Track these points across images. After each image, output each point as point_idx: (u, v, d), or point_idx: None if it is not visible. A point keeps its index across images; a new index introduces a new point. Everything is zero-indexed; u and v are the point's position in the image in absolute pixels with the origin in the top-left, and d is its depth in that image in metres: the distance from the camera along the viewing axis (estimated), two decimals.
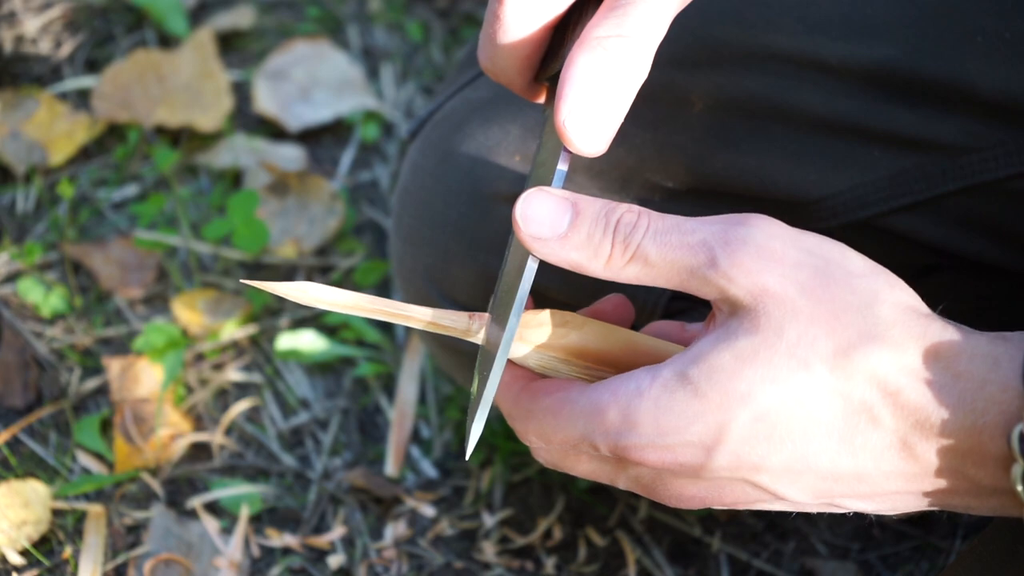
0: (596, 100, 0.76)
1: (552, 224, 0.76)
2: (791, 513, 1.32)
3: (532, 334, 0.79)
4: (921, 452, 0.72)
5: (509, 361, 0.81)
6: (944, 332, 0.72)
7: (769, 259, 0.73)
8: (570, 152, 0.77)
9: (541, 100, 0.86)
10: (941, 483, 0.73)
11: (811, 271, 0.73)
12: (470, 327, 0.80)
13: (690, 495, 0.77)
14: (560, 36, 0.81)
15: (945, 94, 0.94)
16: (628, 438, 0.75)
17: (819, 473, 0.74)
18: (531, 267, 0.77)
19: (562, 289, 1.01)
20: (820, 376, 0.72)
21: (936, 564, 1.29)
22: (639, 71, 0.77)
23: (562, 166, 0.78)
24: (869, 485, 0.74)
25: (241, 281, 0.84)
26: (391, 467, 1.36)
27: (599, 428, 0.76)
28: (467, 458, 0.80)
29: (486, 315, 0.81)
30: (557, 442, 0.79)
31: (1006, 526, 0.78)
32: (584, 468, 0.80)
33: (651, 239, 0.75)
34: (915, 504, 0.75)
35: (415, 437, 1.39)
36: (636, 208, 0.76)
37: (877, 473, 0.73)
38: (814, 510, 0.78)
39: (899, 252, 1.00)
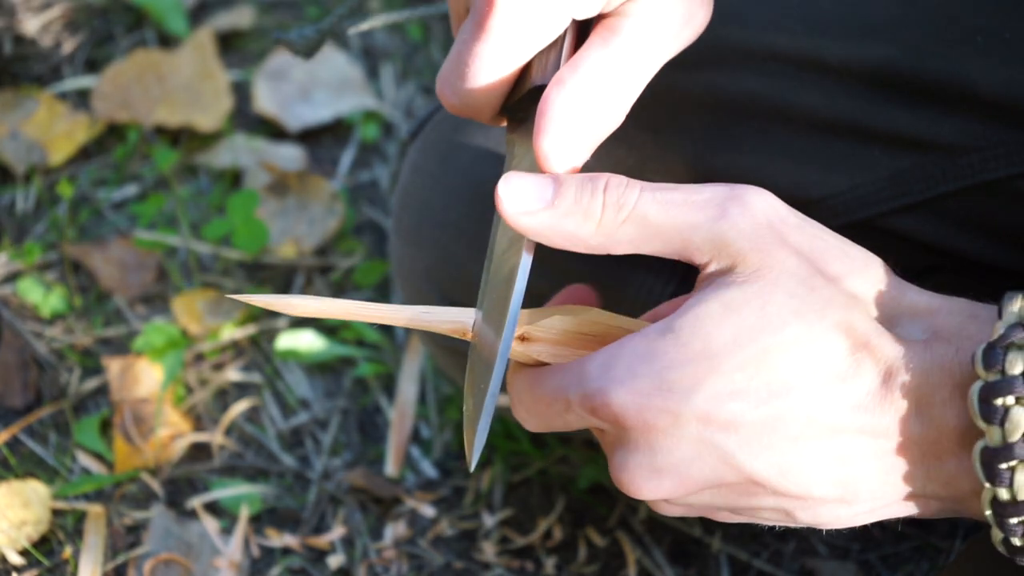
0: (576, 130, 0.77)
1: (537, 195, 0.75)
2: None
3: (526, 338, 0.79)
4: (896, 391, 0.72)
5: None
6: (921, 295, 0.76)
7: (775, 218, 0.74)
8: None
9: (502, 125, 0.86)
10: (910, 434, 0.73)
11: (810, 237, 0.75)
12: (455, 326, 0.79)
13: (642, 477, 0.74)
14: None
15: (945, 94, 0.94)
16: (598, 381, 0.74)
17: (793, 433, 0.72)
18: (525, 264, 0.76)
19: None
20: (813, 327, 0.72)
21: (936, 564, 1.29)
22: (620, 108, 0.78)
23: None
24: (841, 444, 0.73)
25: (228, 296, 0.84)
26: (391, 467, 1.36)
27: (576, 379, 0.75)
28: (471, 469, 0.79)
29: (471, 312, 0.79)
30: (532, 400, 0.78)
31: None
32: (564, 421, 0.78)
33: (648, 198, 0.75)
34: (878, 483, 0.74)
35: (415, 437, 1.39)
36: (621, 175, 0.76)
37: (852, 428, 0.73)
38: (771, 518, 0.76)
39: (899, 252, 0.99)
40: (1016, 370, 0.69)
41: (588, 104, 0.77)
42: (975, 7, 0.94)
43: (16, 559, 1.25)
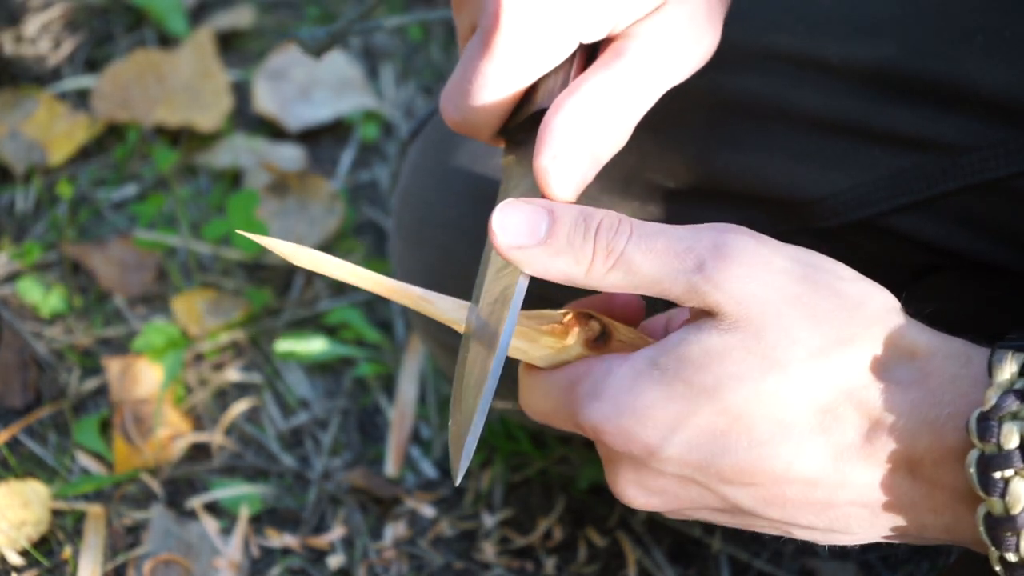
0: (576, 151, 0.76)
1: (530, 231, 0.75)
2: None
3: (520, 346, 0.78)
4: (881, 450, 0.72)
5: None
6: (921, 334, 0.73)
7: (756, 265, 0.73)
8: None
9: (501, 146, 0.86)
10: (896, 489, 0.73)
11: (797, 277, 0.73)
12: (457, 317, 0.79)
13: (633, 492, 0.77)
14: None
15: (945, 93, 0.94)
16: (588, 412, 0.75)
17: (773, 477, 0.73)
18: (521, 285, 0.75)
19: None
20: (794, 378, 0.72)
21: (936, 564, 1.29)
22: (621, 131, 0.78)
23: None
24: (823, 492, 0.73)
25: (238, 232, 0.83)
26: (391, 467, 1.36)
27: (565, 397, 0.76)
28: (456, 484, 0.78)
29: (467, 306, 0.80)
30: (540, 414, 0.79)
31: None
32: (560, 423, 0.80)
33: (635, 244, 0.74)
34: (867, 525, 0.75)
35: (415, 437, 1.39)
36: (614, 213, 0.75)
37: (834, 478, 0.73)
38: (767, 530, 0.77)
39: (900, 252, 1.00)
40: (1012, 444, 0.68)
41: (589, 125, 0.76)
42: (975, 6, 0.94)
43: (16, 559, 1.25)
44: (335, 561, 1.29)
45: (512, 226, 0.75)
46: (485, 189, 1.06)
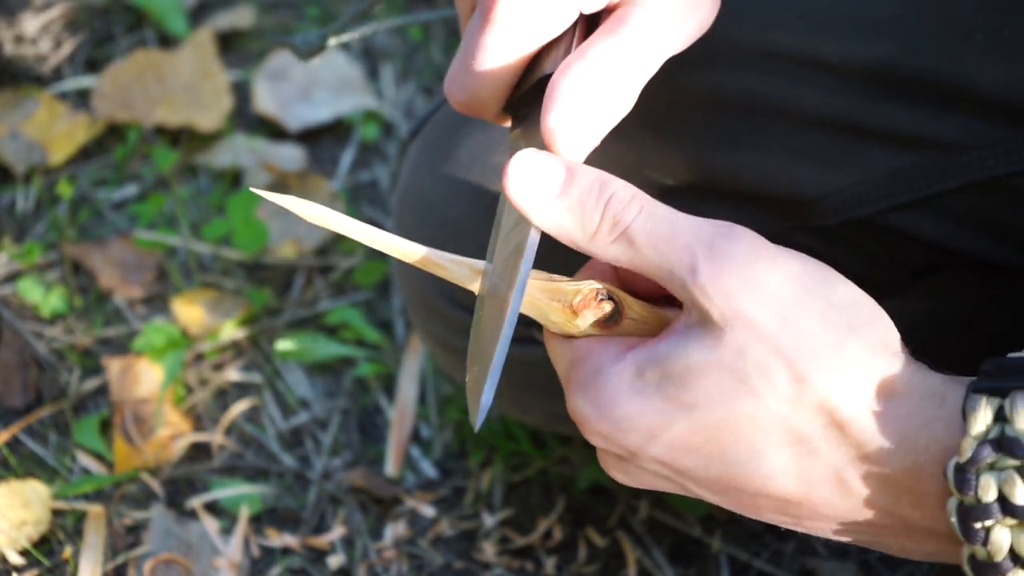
0: (584, 111, 0.76)
1: (545, 182, 0.75)
2: None
3: (531, 313, 0.79)
4: (856, 488, 0.72)
5: None
6: (904, 371, 0.72)
7: (749, 280, 0.72)
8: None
9: (507, 124, 0.86)
10: (873, 519, 0.73)
11: (789, 300, 0.72)
12: (466, 276, 0.79)
13: (615, 473, 0.79)
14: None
15: (945, 92, 0.94)
16: (575, 405, 0.76)
17: (746, 492, 0.74)
18: (533, 238, 0.75)
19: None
20: (770, 405, 0.72)
21: (936, 564, 1.29)
22: (626, 96, 0.78)
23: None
24: (798, 510, 0.74)
25: (250, 189, 0.83)
26: (391, 467, 1.36)
27: (565, 377, 0.78)
28: (476, 430, 0.79)
29: (482, 264, 0.80)
30: (555, 365, 0.80)
31: None
32: None
33: (641, 223, 0.74)
34: (846, 536, 0.75)
35: (415, 437, 1.39)
36: (632, 187, 0.75)
37: (807, 502, 0.73)
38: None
39: (899, 250, 0.99)
40: (990, 497, 0.68)
41: (595, 88, 0.77)
42: (975, 6, 0.94)
43: (16, 559, 1.25)
44: (335, 561, 1.29)
45: (527, 175, 0.75)
46: (486, 188, 1.06)
